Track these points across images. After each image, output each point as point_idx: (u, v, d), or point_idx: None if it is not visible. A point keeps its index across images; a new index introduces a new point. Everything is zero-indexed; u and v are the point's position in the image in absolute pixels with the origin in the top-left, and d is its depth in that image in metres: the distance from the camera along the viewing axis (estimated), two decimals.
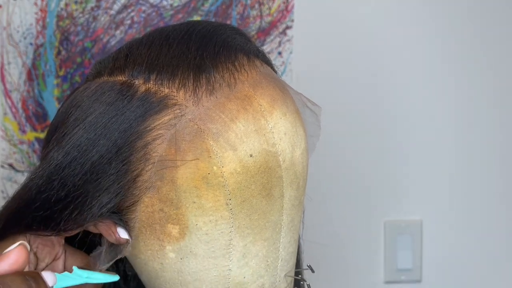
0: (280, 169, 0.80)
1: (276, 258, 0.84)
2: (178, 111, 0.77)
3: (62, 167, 0.78)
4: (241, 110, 0.78)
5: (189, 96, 0.78)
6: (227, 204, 0.78)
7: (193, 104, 0.78)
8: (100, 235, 0.83)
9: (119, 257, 0.82)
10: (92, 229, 0.81)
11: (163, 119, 0.77)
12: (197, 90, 0.78)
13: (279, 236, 0.83)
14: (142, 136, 0.77)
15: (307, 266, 0.91)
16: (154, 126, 0.77)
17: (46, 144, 0.84)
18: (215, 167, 0.76)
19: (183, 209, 0.77)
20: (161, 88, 0.78)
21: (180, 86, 0.78)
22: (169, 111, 0.77)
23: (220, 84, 0.79)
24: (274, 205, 0.81)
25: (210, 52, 0.81)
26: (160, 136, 0.77)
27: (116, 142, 0.77)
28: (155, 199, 0.78)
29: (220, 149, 0.77)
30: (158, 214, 0.78)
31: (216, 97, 0.78)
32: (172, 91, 0.78)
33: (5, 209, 0.82)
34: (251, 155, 0.78)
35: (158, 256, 0.81)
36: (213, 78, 0.79)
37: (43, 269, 0.82)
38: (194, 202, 0.77)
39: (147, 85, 0.79)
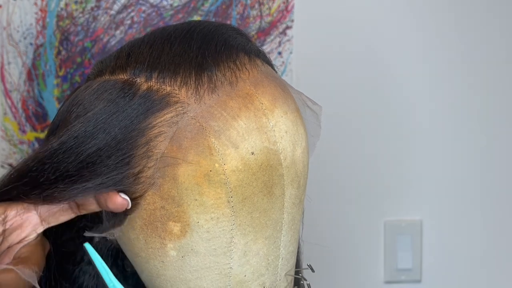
0: (281, 167, 0.81)
1: (276, 256, 0.84)
2: (180, 108, 0.78)
3: (56, 154, 0.78)
4: (242, 108, 0.78)
5: (191, 94, 0.78)
6: (228, 202, 0.78)
7: (195, 102, 0.78)
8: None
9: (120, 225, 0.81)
10: (87, 203, 0.81)
11: (165, 117, 0.78)
12: (199, 88, 0.78)
13: (280, 234, 0.83)
14: (144, 133, 0.77)
15: (307, 265, 0.92)
16: (156, 124, 0.77)
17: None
18: (216, 165, 0.77)
19: (185, 207, 0.77)
20: (163, 86, 0.79)
21: (182, 84, 0.79)
22: (171, 108, 0.78)
23: (221, 82, 0.79)
24: (275, 203, 0.81)
25: (212, 51, 0.81)
26: (162, 133, 0.77)
27: (116, 137, 0.77)
28: (157, 197, 0.78)
29: (222, 146, 0.77)
30: (160, 211, 0.78)
31: (218, 95, 0.79)
32: (174, 89, 0.78)
33: None
34: (252, 153, 0.78)
35: (159, 254, 0.81)
36: (215, 76, 0.79)
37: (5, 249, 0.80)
38: (196, 200, 0.77)
39: (149, 83, 0.79)
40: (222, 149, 0.77)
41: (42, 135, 1.37)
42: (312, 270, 0.91)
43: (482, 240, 1.53)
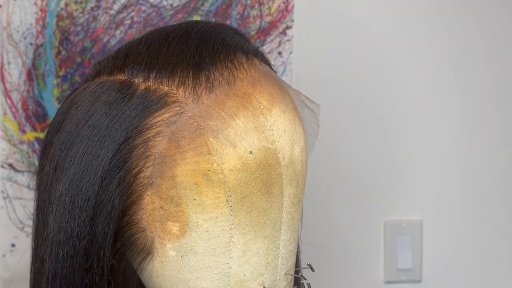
0: (280, 166, 0.81)
1: (276, 256, 0.84)
2: (178, 108, 0.78)
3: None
4: (240, 107, 0.79)
5: (189, 94, 0.79)
6: (227, 201, 0.78)
7: (192, 102, 0.78)
8: None
9: None
10: None
11: (163, 116, 0.78)
12: (197, 87, 0.79)
13: (279, 234, 0.83)
14: (142, 133, 0.78)
15: (307, 264, 0.92)
16: (154, 123, 0.78)
17: (46, 146, 0.84)
18: (215, 164, 0.77)
19: (184, 206, 0.78)
20: (160, 86, 0.79)
21: (179, 84, 0.79)
22: (169, 108, 0.78)
23: (219, 82, 0.79)
24: (274, 202, 0.81)
25: (209, 51, 0.81)
26: (160, 133, 0.78)
27: (118, 141, 0.78)
28: (155, 197, 0.78)
29: (220, 146, 0.77)
30: (159, 211, 0.78)
31: (216, 95, 0.79)
32: (171, 89, 0.79)
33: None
34: (250, 152, 0.78)
35: (158, 254, 0.81)
36: (213, 76, 0.80)
37: None
38: (195, 199, 0.77)
39: (146, 84, 0.79)
40: (220, 148, 0.77)
41: (42, 135, 1.37)
42: (312, 270, 0.91)
43: (482, 240, 1.53)
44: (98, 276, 0.80)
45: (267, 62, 0.89)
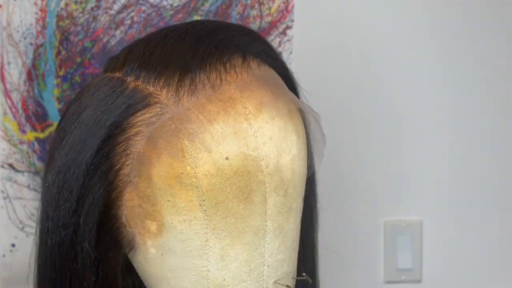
0: (262, 174, 0.80)
1: (260, 263, 0.82)
2: (158, 109, 0.78)
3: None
4: (221, 112, 0.78)
5: (171, 95, 0.79)
6: (200, 205, 0.78)
7: (173, 104, 0.78)
8: None
9: None
10: None
11: (144, 116, 0.78)
12: (179, 89, 0.79)
13: (263, 241, 0.82)
14: (124, 131, 0.79)
15: (303, 275, 0.91)
16: (136, 123, 0.78)
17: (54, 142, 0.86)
18: (188, 167, 0.77)
19: (159, 206, 0.78)
20: (147, 86, 0.80)
21: (164, 85, 0.79)
22: (150, 108, 0.79)
23: (203, 85, 0.79)
24: (255, 210, 0.80)
25: (201, 52, 0.81)
26: (140, 133, 0.78)
27: (101, 138, 0.79)
28: (134, 195, 0.79)
29: (195, 149, 0.77)
30: (138, 209, 0.79)
31: (197, 98, 0.79)
32: (156, 90, 0.79)
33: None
34: (226, 158, 0.78)
35: (141, 250, 0.82)
36: (198, 78, 0.79)
37: None
38: (169, 201, 0.78)
39: (136, 83, 0.80)
40: (194, 152, 0.77)
41: (42, 135, 1.37)
42: (309, 282, 0.91)
43: (482, 240, 1.52)
44: (83, 266, 0.81)
45: (275, 64, 0.88)
